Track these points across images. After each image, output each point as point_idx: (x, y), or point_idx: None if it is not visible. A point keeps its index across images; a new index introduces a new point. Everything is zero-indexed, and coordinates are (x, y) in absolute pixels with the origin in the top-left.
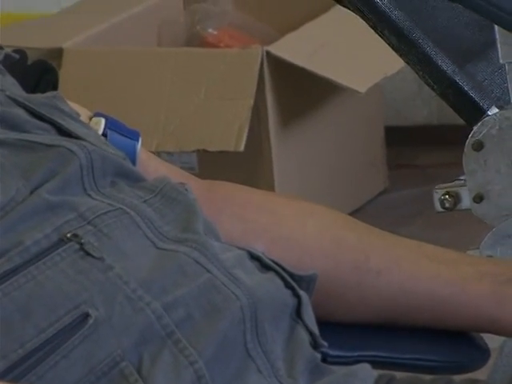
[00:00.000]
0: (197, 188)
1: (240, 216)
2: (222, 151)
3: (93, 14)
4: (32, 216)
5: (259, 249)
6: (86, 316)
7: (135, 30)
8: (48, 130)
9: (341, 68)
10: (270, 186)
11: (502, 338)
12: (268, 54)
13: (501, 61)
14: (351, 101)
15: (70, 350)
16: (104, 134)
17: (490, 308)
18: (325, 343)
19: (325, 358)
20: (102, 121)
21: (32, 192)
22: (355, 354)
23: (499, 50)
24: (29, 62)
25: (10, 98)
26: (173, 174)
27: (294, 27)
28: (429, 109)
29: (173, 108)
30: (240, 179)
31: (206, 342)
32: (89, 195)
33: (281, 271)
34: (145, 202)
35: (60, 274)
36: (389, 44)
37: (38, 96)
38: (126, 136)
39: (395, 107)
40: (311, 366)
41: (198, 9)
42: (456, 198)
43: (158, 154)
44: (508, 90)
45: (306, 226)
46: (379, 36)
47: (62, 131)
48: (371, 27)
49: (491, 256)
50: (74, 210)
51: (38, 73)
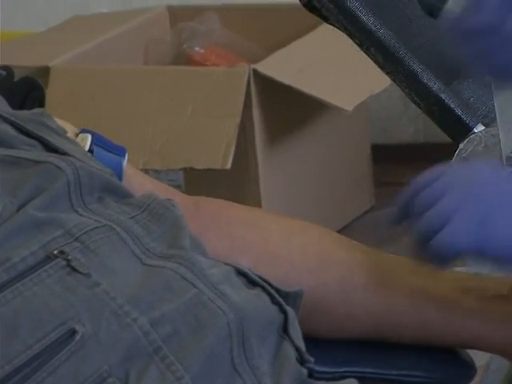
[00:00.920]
0: (184, 204)
1: (227, 233)
2: (209, 169)
3: (79, 33)
4: (19, 233)
5: (246, 265)
6: (73, 332)
7: (122, 49)
8: (35, 146)
9: (327, 86)
10: (256, 204)
11: (489, 355)
12: (255, 72)
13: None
14: (338, 119)
15: (57, 366)
16: (90, 150)
17: (476, 324)
18: (311, 359)
19: (311, 374)
20: (89, 137)
21: (19, 208)
22: (341, 369)
23: None
24: (15, 78)
25: None
26: (159, 189)
27: (280, 45)
28: (415, 127)
29: (160, 126)
30: (226, 197)
31: (193, 357)
32: (76, 211)
33: (267, 287)
34: (132, 218)
35: (47, 290)
36: (375, 62)
37: (25, 113)
38: (112, 152)
39: (381, 125)
40: (298, 382)
41: (184, 27)
42: None
43: (144, 171)
44: (494, 107)
45: (292, 242)
46: (365, 54)
47: (48, 147)
48: (358, 45)
49: (478, 273)
50: (61, 226)
51: (25, 90)
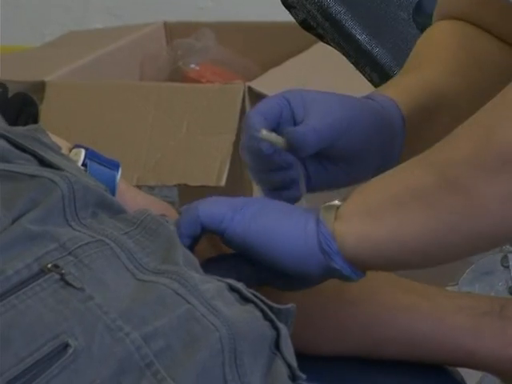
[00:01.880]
0: (176, 219)
1: (219, 246)
2: (203, 186)
3: (76, 48)
4: (13, 245)
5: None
6: (66, 346)
7: (118, 64)
8: (30, 160)
9: None
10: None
11: (480, 375)
12: (250, 89)
13: None
14: None
15: (49, 379)
16: (84, 164)
17: (467, 341)
18: (303, 376)
19: None
20: (82, 151)
21: (14, 221)
22: None
23: None
24: (10, 94)
25: None
26: (153, 205)
27: (276, 63)
28: None
29: (154, 142)
30: None
31: (185, 372)
32: (70, 226)
33: (260, 303)
34: (125, 233)
35: (40, 303)
36: (370, 81)
37: (20, 128)
38: (105, 166)
39: None
40: None
41: (180, 44)
42: None
43: (139, 187)
44: None
45: None
46: (361, 73)
47: (43, 162)
48: (353, 64)
49: (470, 292)
50: (56, 240)
51: (19, 105)
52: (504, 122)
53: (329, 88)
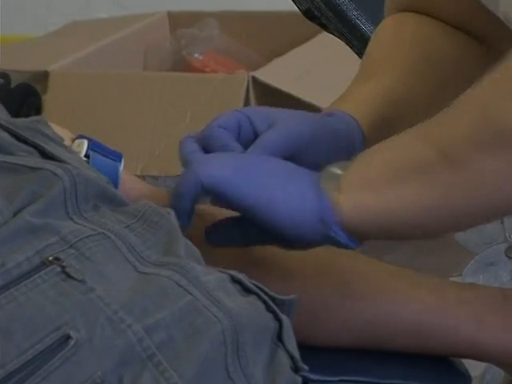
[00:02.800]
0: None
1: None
2: None
3: (79, 38)
4: (14, 238)
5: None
6: (67, 338)
7: (121, 54)
8: (32, 153)
9: (326, 94)
10: None
11: (484, 365)
12: (254, 79)
13: None
14: None
15: (51, 371)
16: (87, 155)
17: (471, 332)
18: (306, 367)
19: (306, 382)
20: (85, 142)
21: (15, 214)
22: (336, 378)
23: None
24: (12, 85)
25: None
26: (156, 195)
27: (280, 53)
28: None
29: (158, 132)
30: None
31: (187, 364)
32: (71, 219)
33: (262, 295)
34: (127, 227)
35: (41, 295)
36: None
37: (22, 120)
38: (108, 157)
39: None
40: None
41: (184, 34)
42: None
43: (142, 177)
44: None
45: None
46: None
47: (45, 155)
48: (356, 54)
49: (473, 283)
50: (57, 233)
51: (22, 96)
52: (502, 98)
53: (332, 78)
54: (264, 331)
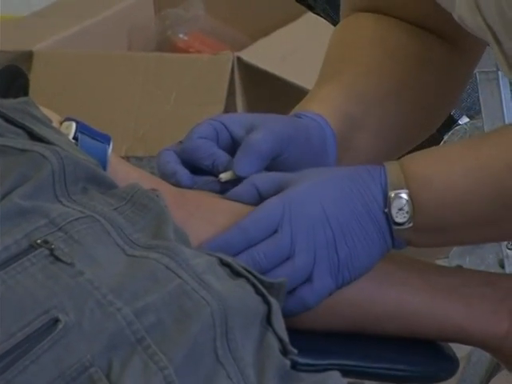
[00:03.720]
0: (168, 193)
1: (211, 220)
2: None
3: (63, 18)
4: (3, 221)
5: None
6: (56, 321)
7: (106, 34)
8: (20, 134)
9: (311, 75)
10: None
11: (470, 347)
12: (239, 59)
13: None
14: None
15: (40, 354)
16: (75, 138)
17: (458, 317)
18: (295, 350)
19: (294, 365)
20: (73, 124)
21: (4, 197)
22: (325, 361)
23: None
24: None
25: None
26: (144, 179)
27: (265, 33)
28: None
29: (143, 113)
30: None
31: (176, 347)
32: (60, 201)
33: (251, 278)
34: (115, 209)
35: (30, 278)
36: None
37: (10, 101)
38: (97, 139)
39: None
40: (281, 373)
41: (169, 14)
42: None
43: (127, 158)
44: (478, 99)
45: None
46: None
47: (33, 136)
48: None
49: (460, 265)
50: (45, 216)
51: (9, 78)
52: None
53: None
54: (253, 314)
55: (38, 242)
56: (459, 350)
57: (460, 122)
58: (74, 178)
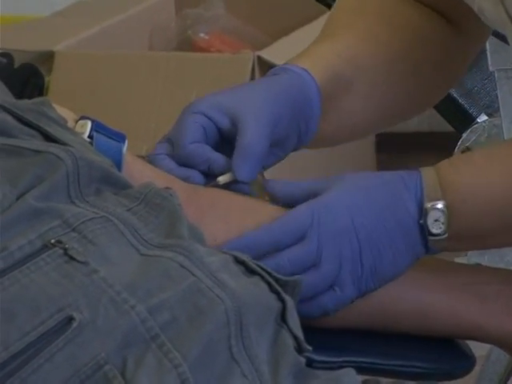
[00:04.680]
0: (182, 191)
1: (224, 218)
2: None
3: (85, 18)
4: (18, 222)
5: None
6: (70, 319)
7: (127, 34)
8: (35, 136)
9: None
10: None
11: (489, 346)
12: (259, 59)
13: (490, 68)
14: None
15: (54, 353)
16: (90, 136)
17: (473, 314)
18: (309, 347)
19: (309, 363)
20: (88, 123)
21: (18, 198)
22: (340, 359)
23: (488, 58)
24: (16, 65)
25: None
26: (159, 177)
27: (285, 32)
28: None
29: (163, 112)
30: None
31: (191, 345)
32: (73, 203)
33: (266, 275)
34: (129, 210)
35: (44, 277)
36: None
37: (25, 102)
38: (112, 138)
39: None
40: (295, 371)
41: (189, 13)
42: None
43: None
44: (497, 97)
45: None
46: None
47: (48, 138)
48: None
49: (479, 263)
50: (59, 216)
51: (25, 76)
52: None
53: None
54: (267, 312)
55: (52, 241)
56: (479, 348)
57: (478, 120)
58: (88, 180)
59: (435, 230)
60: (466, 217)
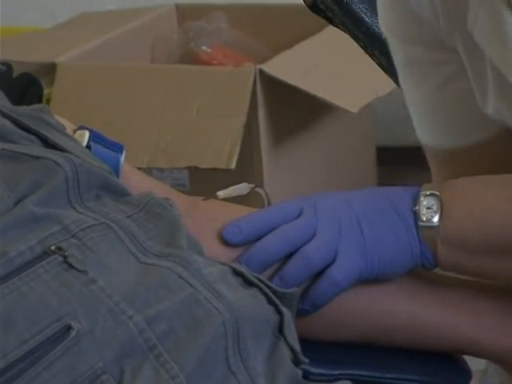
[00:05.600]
0: (181, 203)
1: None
2: (214, 168)
3: (87, 30)
4: (16, 227)
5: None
6: (69, 328)
7: (129, 46)
8: (34, 141)
9: (333, 88)
10: (261, 204)
11: (486, 360)
12: (261, 72)
13: None
14: (343, 120)
15: (52, 361)
16: (88, 147)
17: (469, 330)
18: (306, 360)
19: (306, 375)
20: (86, 133)
21: (17, 203)
22: (336, 372)
23: None
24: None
25: None
26: (157, 188)
27: (287, 46)
28: None
29: (165, 124)
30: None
31: (188, 356)
32: (74, 208)
33: (264, 287)
34: (129, 217)
35: (43, 285)
36: (379, 65)
37: (24, 108)
38: (109, 148)
39: (387, 127)
40: (292, 383)
41: (192, 26)
42: None
43: (149, 170)
44: None
45: None
46: (370, 57)
47: (47, 143)
48: (362, 48)
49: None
50: (59, 222)
51: (24, 86)
52: None
53: (339, 71)
54: (265, 324)
55: (52, 248)
56: (476, 362)
57: None
58: (87, 185)
59: (427, 217)
60: (458, 213)
